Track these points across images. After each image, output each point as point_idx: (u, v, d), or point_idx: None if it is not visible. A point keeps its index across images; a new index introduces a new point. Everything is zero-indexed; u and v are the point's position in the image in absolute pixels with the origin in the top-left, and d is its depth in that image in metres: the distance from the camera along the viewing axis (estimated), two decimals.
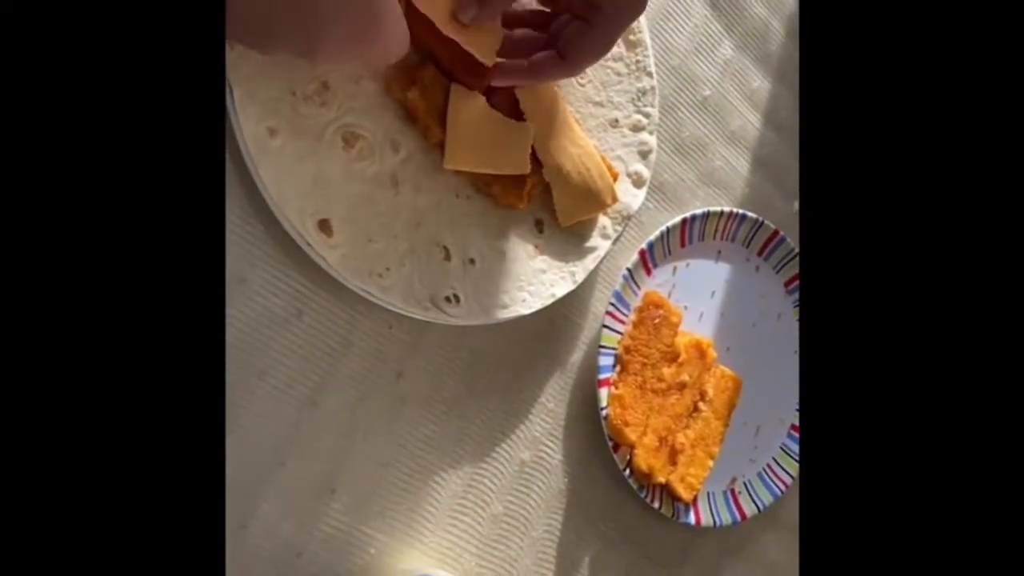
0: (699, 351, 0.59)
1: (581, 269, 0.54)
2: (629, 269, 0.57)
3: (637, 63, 0.57)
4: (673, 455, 0.58)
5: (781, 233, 0.64)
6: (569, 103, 0.54)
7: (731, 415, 0.61)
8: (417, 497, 0.51)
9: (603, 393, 0.56)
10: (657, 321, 0.58)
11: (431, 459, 0.51)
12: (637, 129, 0.57)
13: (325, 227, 0.45)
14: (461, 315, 0.49)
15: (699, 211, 0.61)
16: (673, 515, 0.58)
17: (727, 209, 0.62)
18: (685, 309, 0.61)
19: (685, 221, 0.60)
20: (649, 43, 0.57)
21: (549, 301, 0.52)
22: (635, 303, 0.58)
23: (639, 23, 0.57)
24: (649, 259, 0.59)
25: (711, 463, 0.60)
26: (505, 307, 0.51)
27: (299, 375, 0.47)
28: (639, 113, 0.57)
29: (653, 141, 0.57)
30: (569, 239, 0.54)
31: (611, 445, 0.56)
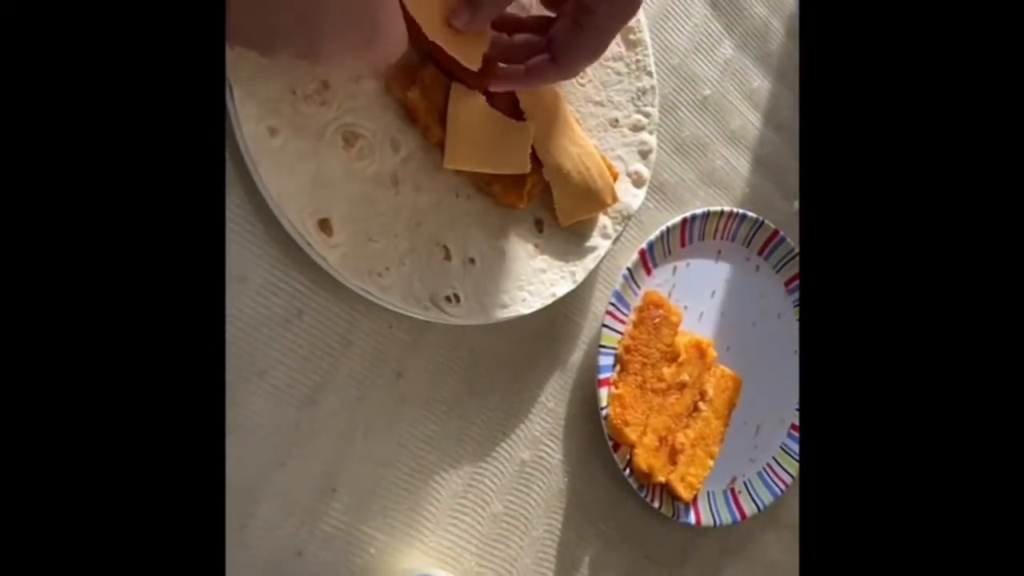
0: (699, 351, 0.59)
1: (581, 269, 0.54)
2: (629, 269, 0.57)
3: (637, 62, 0.57)
4: (673, 455, 0.58)
5: (781, 233, 0.64)
6: (569, 102, 0.54)
7: (731, 415, 0.61)
8: (417, 497, 0.51)
9: (603, 393, 0.56)
10: (657, 321, 0.58)
11: (431, 459, 0.51)
12: (637, 129, 0.57)
13: (325, 226, 0.45)
14: (461, 315, 0.49)
15: (699, 211, 0.61)
16: (673, 515, 0.58)
17: (727, 209, 0.62)
18: (685, 309, 0.61)
19: (685, 221, 0.60)
20: (649, 42, 0.57)
21: (549, 301, 0.52)
22: (635, 303, 0.58)
23: (639, 22, 0.57)
24: (649, 259, 0.59)
25: (711, 463, 0.60)
26: (505, 307, 0.51)
27: (299, 374, 0.47)
28: (639, 113, 0.57)
29: (653, 141, 0.57)
30: (569, 239, 0.54)
31: (611, 445, 0.56)
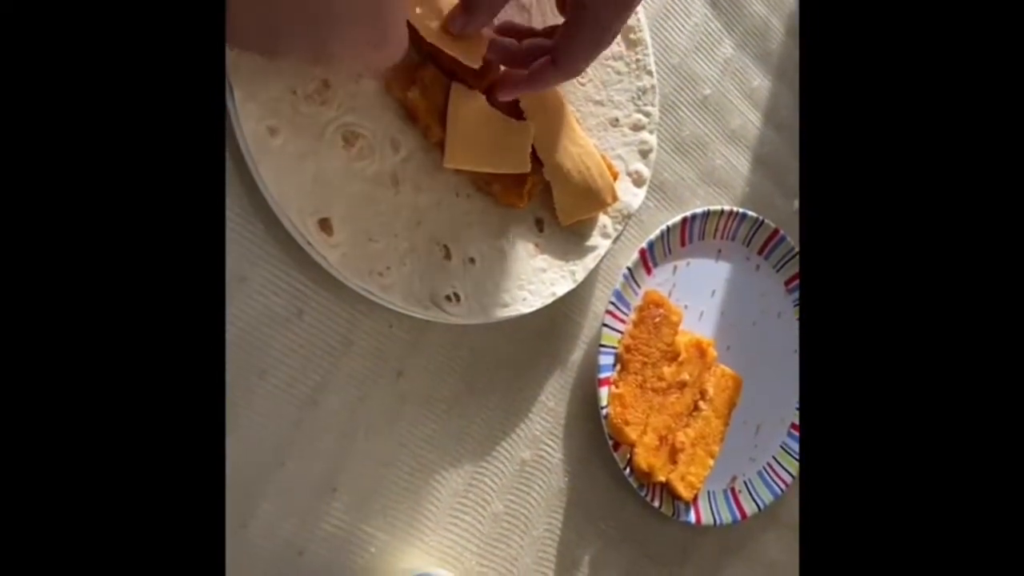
0: (699, 350, 0.59)
1: (581, 268, 0.54)
2: (629, 268, 0.57)
3: (637, 62, 0.57)
4: (673, 454, 0.58)
5: (781, 232, 0.64)
6: (569, 102, 0.54)
7: (731, 414, 0.61)
8: (418, 496, 0.51)
9: (603, 392, 0.56)
10: (657, 320, 0.58)
11: (432, 458, 0.51)
12: (637, 128, 0.57)
13: (325, 226, 0.45)
14: (461, 314, 0.49)
15: (699, 210, 0.61)
16: (673, 514, 0.58)
17: (727, 208, 0.62)
18: (685, 308, 0.61)
19: (685, 220, 0.60)
20: (649, 42, 0.57)
21: (549, 300, 0.52)
22: (635, 302, 0.58)
23: (639, 22, 0.57)
24: (649, 258, 0.59)
25: (711, 462, 0.60)
26: (505, 306, 0.51)
27: (300, 374, 0.47)
28: (639, 112, 0.57)
29: (653, 140, 0.57)
30: (569, 238, 0.54)
31: (611, 444, 0.56)
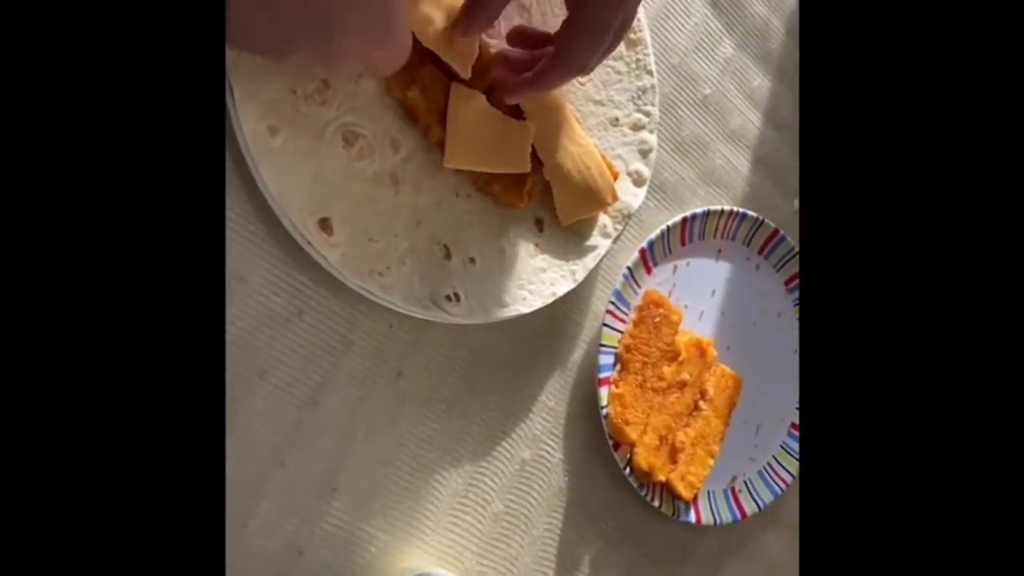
0: (699, 350, 0.59)
1: (581, 268, 0.54)
2: (629, 268, 0.57)
3: (637, 61, 0.57)
4: (673, 454, 0.58)
5: (781, 232, 0.64)
6: (569, 102, 0.54)
7: (731, 414, 0.61)
8: (418, 496, 0.51)
9: (603, 392, 0.56)
10: (657, 320, 0.58)
11: (432, 458, 0.51)
12: (637, 128, 0.57)
13: (325, 226, 0.45)
14: (461, 314, 0.49)
15: (699, 210, 0.61)
16: (673, 514, 0.58)
17: (727, 208, 0.62)
18: (685, 308, 0.61)
19: (685, 220, 0.60)
20: (649, 41, 0.57)
21: (549, 300, 0.52)
22: (635, 302, 0.58)
23: (639, 21, 0.57)
24: (649, 258, 0.59)
25: (711, 462, 0.60)
26: (505, 306, 0.51)
27: (300, 374, 0.47)
28: (639, 112, 0.57)
29: (653, 140, 0.57)
30: (569, 238, 0.54)
31: (611, 444, 0.56)
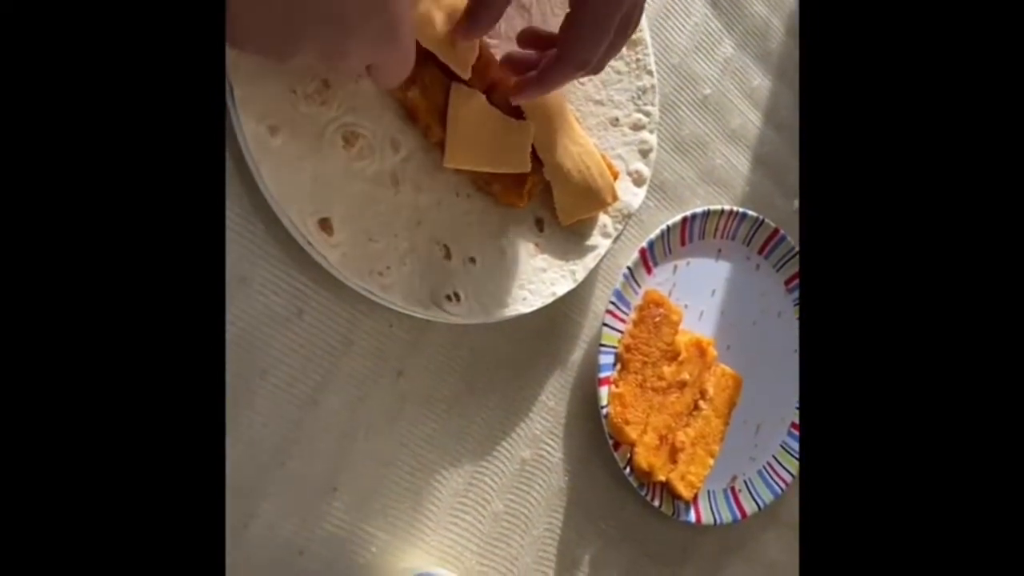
0: (699, 349, 0.59)
1: (581, 268, 0.54)
2: (629, 267, 0.57)
3: (637, 61, 0.57)
4: (673, 453, 0.58)
5: (781, 231, 0.64)
6: (569, 101, 0.54)
7: (731, 413, 0.61)
8: (418, 495, 0.51)
9: (603, 391, 0.56)
10: (657, 319, 0.58)
11: (432, 457, 0.51)
12: (637, 127, 0.57)
13: (326, 226, 0.45)
14: (462, 314, 0.49)
15: (699, 209, 0.61)
16: (673, 513, 0.58)
17: (727, 207, 0.62)
18: (685, 307, 0.61)
19: (685, 219, 0.60)
20: (649, 41, 0.57)
21: (550, 300, 0.52)
22: (635, 301, 0.58)
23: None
24: (649, 257, 0.59)
25: (711, 461, 0.60)
26: (506, 306, 0.51)
27: (300, 374, 0.47)
28: (639, 111, 0.57)
29: (653, 139, 0.57)
30: (569, 238, 0.54)
31: (611, 443, 0.56)
